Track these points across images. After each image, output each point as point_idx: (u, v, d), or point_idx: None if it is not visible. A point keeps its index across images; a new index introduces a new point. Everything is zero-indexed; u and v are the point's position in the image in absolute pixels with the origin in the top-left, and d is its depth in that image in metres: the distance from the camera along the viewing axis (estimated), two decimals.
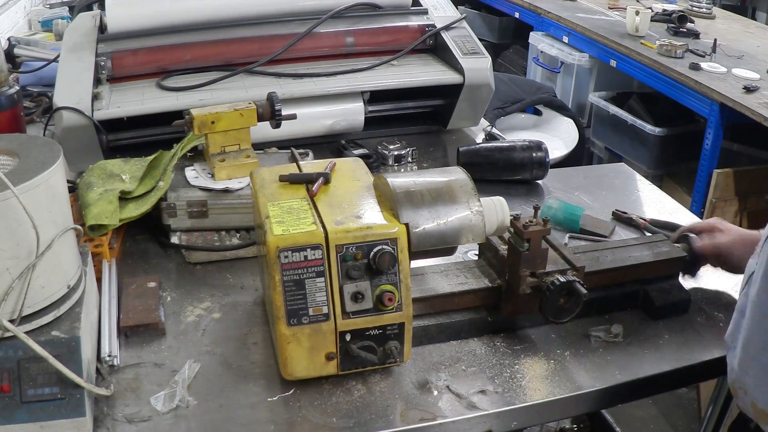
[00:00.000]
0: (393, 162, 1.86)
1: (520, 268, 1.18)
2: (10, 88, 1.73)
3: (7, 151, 1.05)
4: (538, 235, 1.17)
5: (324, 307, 1.06)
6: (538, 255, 1.18)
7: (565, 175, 1.89)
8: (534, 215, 1.19)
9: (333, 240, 1.05)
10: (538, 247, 1.18)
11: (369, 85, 1.90)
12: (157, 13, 1.90)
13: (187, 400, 1.08)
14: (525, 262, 1.18)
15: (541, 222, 1.18)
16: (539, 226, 1.17)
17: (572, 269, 1.21)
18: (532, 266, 1.19)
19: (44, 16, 3.01)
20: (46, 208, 0.99)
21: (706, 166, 3.07)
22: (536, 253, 1.18)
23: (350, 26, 1.99)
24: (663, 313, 1.31)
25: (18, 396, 0.97)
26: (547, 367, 1.19)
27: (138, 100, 1.75)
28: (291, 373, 1.09)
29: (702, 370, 1.23)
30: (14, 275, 0.96)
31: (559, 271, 1.20)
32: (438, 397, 1.11)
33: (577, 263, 1.22)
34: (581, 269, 1.22)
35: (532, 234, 1.17)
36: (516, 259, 1.19)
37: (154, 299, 1.28)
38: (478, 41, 2.03)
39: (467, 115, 2.05)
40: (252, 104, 1.54)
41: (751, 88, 2.88)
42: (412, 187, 1.13)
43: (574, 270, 1.21)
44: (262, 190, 1.17)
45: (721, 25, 3.96)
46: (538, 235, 1.17)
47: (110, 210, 1.39)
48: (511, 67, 4.79)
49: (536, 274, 1.19)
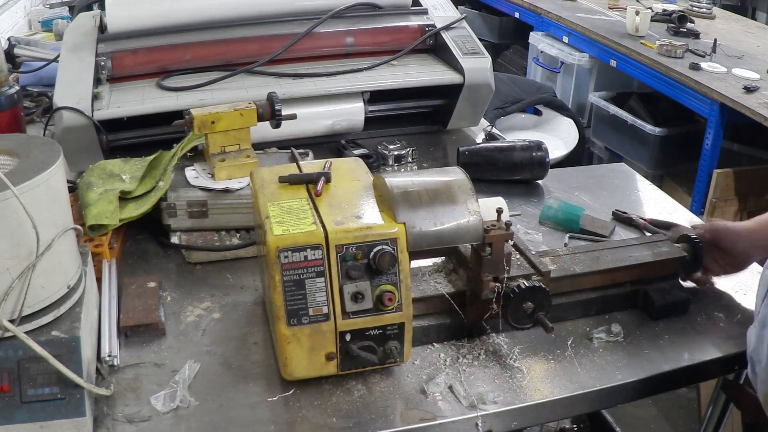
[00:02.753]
0: (393, 162, 1.86)
1: (483, 272, 1.16)
2: (10, 88, 1.74)
3: (7, 151, 1.05)
4: (501, 239, 1.14)
5: (324, 307, 1.06)
6: (500, 260, 1.15)
7: (565, 175, 1.89)
8: (497, 218, 1.16)
9: (333, 240, 1.05)
10: (500, 251, 1.15)
11: (369, 85, 1.90)
12: (157, 13, 1.90)
13: (188, 401, 1.08)
14: (487, 266, 1.15)
15: (504, 226, 1.14)
16: (502, 230, 1.14)
17: (538, 274, 1.19)
18: (495, 271, 1.16)
19: (44, 16, 3.01)
20: (46, 208, 0.99)
21: (706, 166, 3.07)
22: (499, 257, 1.15)
23: (350, 26, 1.99)
24: (663, 313, 1.31)
25: (18, 396, 0.97)
26: (547, 367, 1.19)
27: (138, 100, 1.75)
28: (291, 373, 1.09)
29: (702, 370, 1.23)
30: (14, 275, 0.96)
31: (524, 276, 1.18)
32: (438, 397, 1.11)
33: (542, 268, 1.20)
34: (547, 274, 1.20)
35: (493, 238, 1.13)
36: (478, 263, 1.17)
37: (154, 299, 1.28)
38: (478, 41, 2.03)
39: (467, 115, 2.05)
40: (252, 104, 1.54)
41: (751, 88, 2.88)
42: (410, 187, 1.13)
43: (540, 275, 1.19)
44: (262, 190, 1.17)
45: (721, 25, 3.96)
46: (500, 239, 1.14)
47: (110, 210, 1.39)
48: (511, 67, 4.79)
49: (499, 279, 1.17)
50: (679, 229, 1.42)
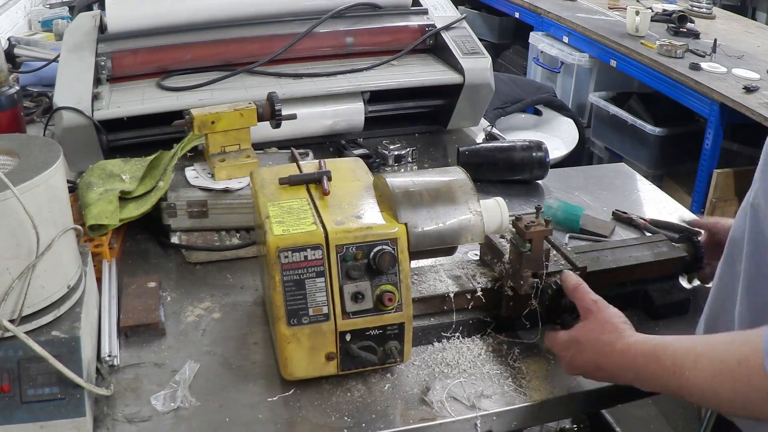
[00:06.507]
0: (393, 162, 1.85)
1: (522, 268, 1.18)
2: (10, 88, 1.73)
3: (7, 151, 1.05)
4: (540, 235, 1.17)
5: (324, 307, 1.06)
6: (539, 256, 1.18)
7: (565, 175, 1.89)
8: (536, 215, 1.19)
9: (333, 240, 1.05)
10: (539, 247, 1.17)
11: (369, 85, 1.90)
12: (157, 13, 1.90)
13: (189, 401, 1.08)
14: (527, 262, 1.18)
15: (543, 222, 1.17)
16: (541, 226, 1.17)
17: (574, 270, 1.21)
18: (534, 267, 1.18)
19: (44, 16, 3.01)
20: (46, 208, 0.99)
21: (706, 166, 3.07)
22: (538, 253, 1.18)
23: (350, 26, 1.99)
24: (663, 313, 1.31)
25: (18, 396, 0.97)
26: (547, 367, 1.19)
27: (138, 100, 1.75)
28: (291, 374, 1.09)
29: None
30: (14, 275, 0.96)
31: (561, 272, 1.20)
32: (438, 397, 1.11)
33: (578, 264, 1.22)
34: (583, 269, 1.21)
35: (534, 234, 1.16)
36: (518, 259, 1.19)
37: (154, 299, 1.28)
38: (478, 41, 2.03)
39: (467, 115, 2.05)
40: (252, 104, 1.54)
41: (751, 88, 2.88)
42: (411, 187, 1.13)
43: (576, 270, 1.21)
44: (262, 190, 1.17)
45: (721, 25, 3.97)
46: (540, 236, 1.17)
47: (110, 210, 1.39)
48: (511, 67, 4.79)
49: (538, 275, 1.19)
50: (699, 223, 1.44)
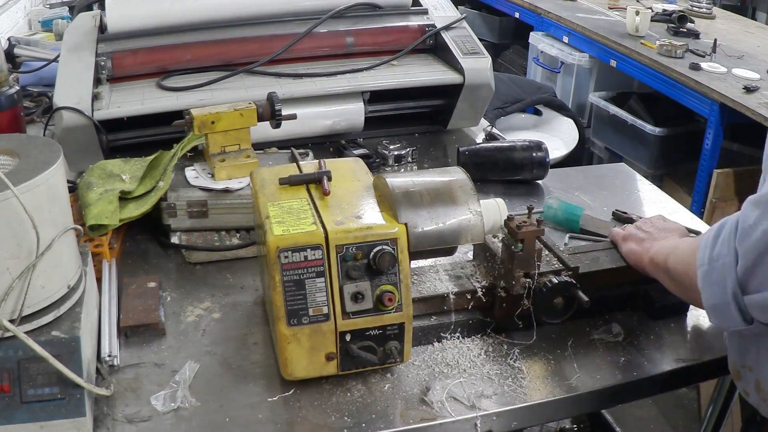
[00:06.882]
0: (393, 162, 1.85)
1: (514, 268, 1.18)
2: (10, 88, 1.73)
3: (7, 151, 1.05)
4: (532, 235, 1.16)
5: (324, 307, 1.06)
6: (531, 256, 1.18)
7: (565, 175, 1.89)
8: (528, 215, 1.18)
9: (333, 240, 1.05)
10: (531, 247, 1.17)
11: (369, 85, 1.90)
12: (157, 13, 1.90)
13: (189, 401, 1.08)
14: (519, 262, 1.18)
15: (535, 222, 1.17)
16: (533, 226, 1.17)
17: (566, 270, 1.21)
18: (526, 267, 1.18)
19: (44, 16, 3.01)
20: (46, 208, 0.99)
21: (706, 166, 3.07)
22: (530, 253, 1.17)
23: (350, 26, 1.99)
24: (663, 313, 1.31)
25: (18, 396, 0.97)
26: (547, 367, 1.19)
27: (138, 100, 1.75)
28: (291, 374, 1.09)
29: (702, 370, 1.23)
30: (14, 275, 0.96)
31: (553, 272, 1.20)
32: (438, 397, 1.11)
33: (570, 264, 1.21)
34: (575, 270, 1.21)
35: (525, 234, 1.16)
36: (510, 259, 1.18)
37: (154, 299, 1.28)
38: (478, 41, 2.03)
39: (467, 115, 2.05)
40: (252, 104, 1.54)
41: (751, 88, 2.88)
42: (411, 188, 1.13)
43: (569, 270, 1.21)
44: (262, 190, 1.17)
45: (721, 25, 3.96)
46: (531, 236, 1.16)
47: (110, 210, 1.39)
48: (511, 67, 4.79)
49: (530, 275, 1.19)
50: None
